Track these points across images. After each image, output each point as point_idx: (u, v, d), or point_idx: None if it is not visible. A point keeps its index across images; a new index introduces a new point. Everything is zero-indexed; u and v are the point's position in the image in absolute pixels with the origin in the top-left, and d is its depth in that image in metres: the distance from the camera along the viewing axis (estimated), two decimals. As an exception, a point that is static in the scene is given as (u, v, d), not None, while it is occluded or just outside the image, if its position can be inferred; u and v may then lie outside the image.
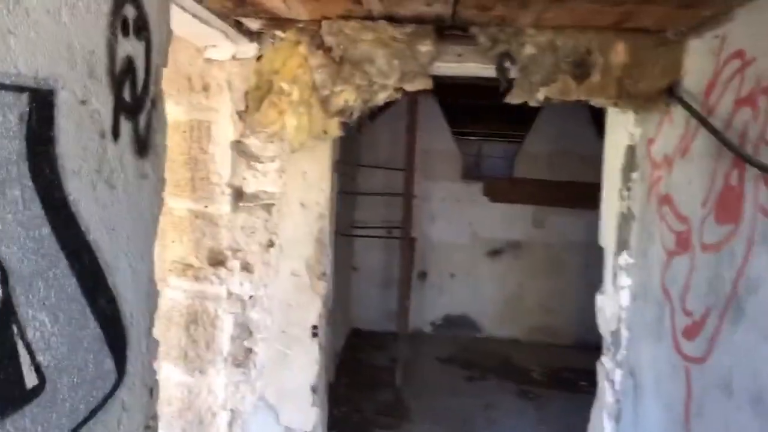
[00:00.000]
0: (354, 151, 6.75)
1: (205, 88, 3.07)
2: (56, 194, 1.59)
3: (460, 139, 7.55)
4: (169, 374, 3.17)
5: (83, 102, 1.64)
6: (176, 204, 3.13)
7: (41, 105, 1.49)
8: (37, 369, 1.55)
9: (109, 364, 1.92)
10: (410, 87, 2.69)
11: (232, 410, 3.19)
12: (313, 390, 3.21)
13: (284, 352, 3.18)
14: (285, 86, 2.65)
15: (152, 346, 2.16)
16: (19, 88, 1.40)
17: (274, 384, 3.20)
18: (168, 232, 3.14)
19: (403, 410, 5.03)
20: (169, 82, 3.09)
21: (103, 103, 1.74)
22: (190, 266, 3.14)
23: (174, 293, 3.16)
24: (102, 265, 1.84)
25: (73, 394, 1.73)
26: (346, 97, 2.60)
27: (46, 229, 1.55)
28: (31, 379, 1.52)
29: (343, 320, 6.54)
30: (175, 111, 3.12)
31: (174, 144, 3.11)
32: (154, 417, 2.20)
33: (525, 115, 7.31)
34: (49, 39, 1.47)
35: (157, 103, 2.07)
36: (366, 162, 6.86)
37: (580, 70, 2.65)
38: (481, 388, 5.68)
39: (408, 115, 5.61)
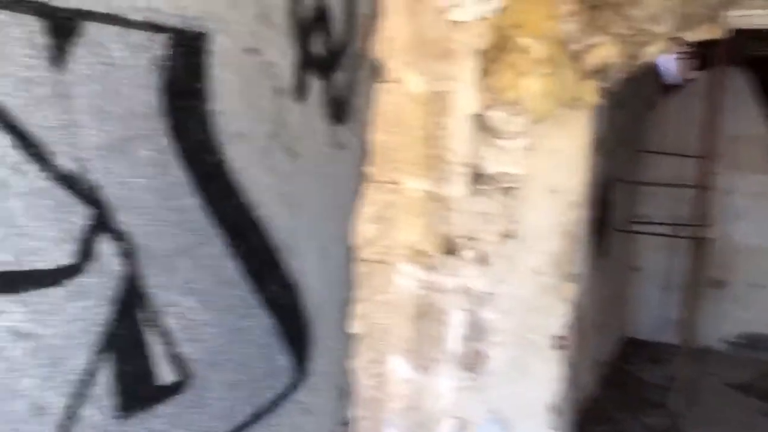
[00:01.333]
0: (635, 134, 5.94)
1: (446, 55, 2.72)
2: (209, 159, 1.34)
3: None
4: (396, 368, 2.94)
5: (251, 51, 1.38)
6: (410, 184, 2.87)
7: (186, 50, 1.22)
8: (179, 362, 1.34)
9: (283, 360, 1.66)
10: (691, 36, 2.01)
11: (459, 419, 2.84)
12: (554, 411, 2.71)
13: (521, 361, 2.74)
14: (527, 42, 2.17)
15: (346, 342, 1.89)
16: (154, 27, 1.15)
17: (507, 397, 2.78)
18: (400, 214, 2.90)
19: (678, 442, 4.23)
20: (407, 48, 2.82)
21: (280, 54, 1.45)
22: (421, 253, 2.85)
23: (403, 281, 2.90)
24: (274, 247, 1.58)
25: (229, 394, 1.49)
26: (604, 52, 2.04)
27: (193, 200, 1.31)
28: (166, 374, 1.31)
29: (614, 326, 5.82)
30: (413, 80, 2.83)
31: (412, 117, 2.85)
32: (346, 423, 1.93)
33: None
34: (198, -31, 1.21)
35: (361, 60, 1.77)
36: (651, 147, 5.99)
37: None
38: (783, 429, 4.59)
39: (710, 91, 4.72)
